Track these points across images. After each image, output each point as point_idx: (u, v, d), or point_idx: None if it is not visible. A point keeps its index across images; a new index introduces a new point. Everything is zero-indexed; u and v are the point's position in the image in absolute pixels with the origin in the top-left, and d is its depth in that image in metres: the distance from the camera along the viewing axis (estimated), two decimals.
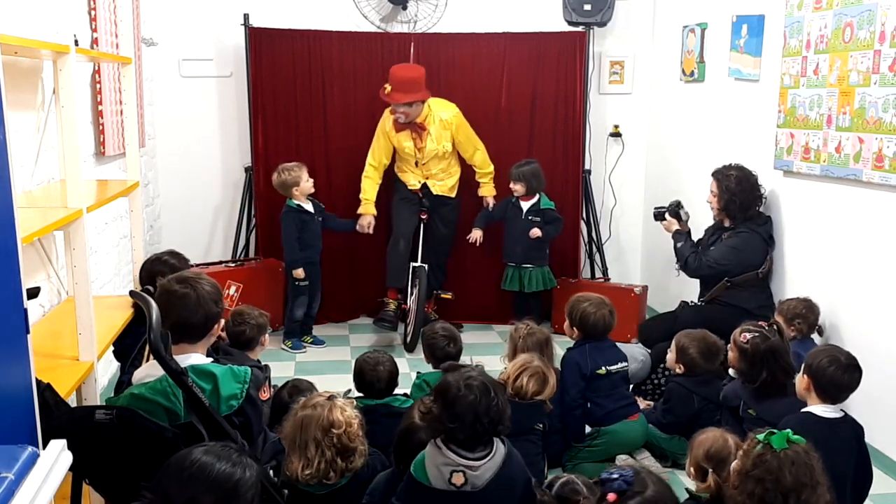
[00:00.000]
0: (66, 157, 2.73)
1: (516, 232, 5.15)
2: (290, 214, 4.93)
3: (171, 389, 2.20)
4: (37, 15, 3.07)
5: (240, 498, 1.80)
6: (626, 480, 2.00)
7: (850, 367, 2.80)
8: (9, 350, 1.69)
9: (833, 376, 2.77)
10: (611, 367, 3.50)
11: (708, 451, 2.44)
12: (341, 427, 2.50)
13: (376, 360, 3.22)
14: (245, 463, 1.86)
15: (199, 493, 1.77)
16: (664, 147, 5.60)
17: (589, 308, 3.53)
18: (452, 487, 2.26)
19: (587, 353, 3.50)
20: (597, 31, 5.52)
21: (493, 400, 2.30)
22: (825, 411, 2.80)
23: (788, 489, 2.04)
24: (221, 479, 1.79)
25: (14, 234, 1.72)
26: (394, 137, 5.03)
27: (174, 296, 2.37)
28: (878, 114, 3.41)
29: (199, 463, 1.80)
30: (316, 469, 2.48)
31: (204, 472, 1.78)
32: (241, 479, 1.81)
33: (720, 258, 4.13)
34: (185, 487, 1.77)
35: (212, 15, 5.44)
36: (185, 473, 1.78)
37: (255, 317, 3.41)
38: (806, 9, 3.89)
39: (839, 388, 2.81)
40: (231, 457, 1.85)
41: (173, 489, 1.78)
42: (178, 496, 1.77)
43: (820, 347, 3.01)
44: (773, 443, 2.09)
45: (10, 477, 1.38)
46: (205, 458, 1.81)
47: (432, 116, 4.98)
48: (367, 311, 5.54)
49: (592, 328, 3.52)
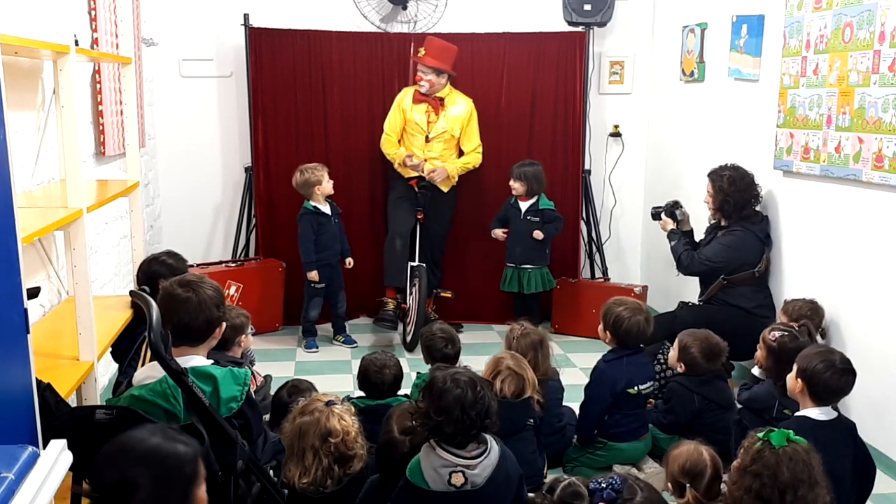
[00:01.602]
0: (67, 157, 2.74)
1: (515, 233, 5.14)
2: (306, 216, 4.93)
3: (170, 391, 2.20)
4: (37, 15, 3.07)
5: (176, 472, 1.70)
6: (614, 489, 2.00)
7: (845, 370, 2.76)
8: (9, 350, 1.70)
9: (829, 381, 2.73)
10: (642, 385, 3.44)
11: (683, 466, 2.43)
12: (339, 436, 2.50)
13: (383, 363, 3.21)
14: (181, 439, 1.77)
15: (128, 468, 1.67)
16: (664, 147, 5.60)
17: (623, 313, 3.42)
18: (452, 488, 2.26)
19: (624, 369, 3.41)
20: (597, 32, 5.53)
21: (479, 393, 2.31)
22: (820, 414, 2.78)
23: (785, 485, 2.06)
24: (151, 453, 1.69)
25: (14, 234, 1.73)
26: (408, 111, 5.08)
27: (176, 299, 2.37)
28: (877, 114, 3.41)
29: (129, 440, 1.72)
30: (313, 478, 2.48)
31: (133, 448, 1.70)
32: (175, 453, 1.71)
33: (713, 255, 4.14)
34: (114, 466, 1.68)
35: (212, 15, 5.45)
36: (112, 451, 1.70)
37: (231, 318, 3.33)
38: (806, 9, 3.89)
39: (834, 393, 2.78)
40: (165, 432, 1.77)
41: (104, 471, 1.69)
42: (108, 476, 1.68)
43: (812, 349, 2.93)
44: (772, 440, 2.11)
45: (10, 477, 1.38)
46: (135, 434, 1.73)
47: (452, 97, 5.10)
48: (367, 311, 5.55)
49: (625, 334, 3.42)
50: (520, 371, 3.15)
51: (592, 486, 2.04)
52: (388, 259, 5.13)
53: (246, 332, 3.50)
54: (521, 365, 3.18)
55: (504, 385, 3.10)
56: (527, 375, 3.16)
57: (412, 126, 5.11)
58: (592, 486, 2.04)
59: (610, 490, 1.99)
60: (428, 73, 4.99)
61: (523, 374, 3.15)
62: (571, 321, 5.37)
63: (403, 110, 5.12)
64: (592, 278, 5.64)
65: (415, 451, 2.46)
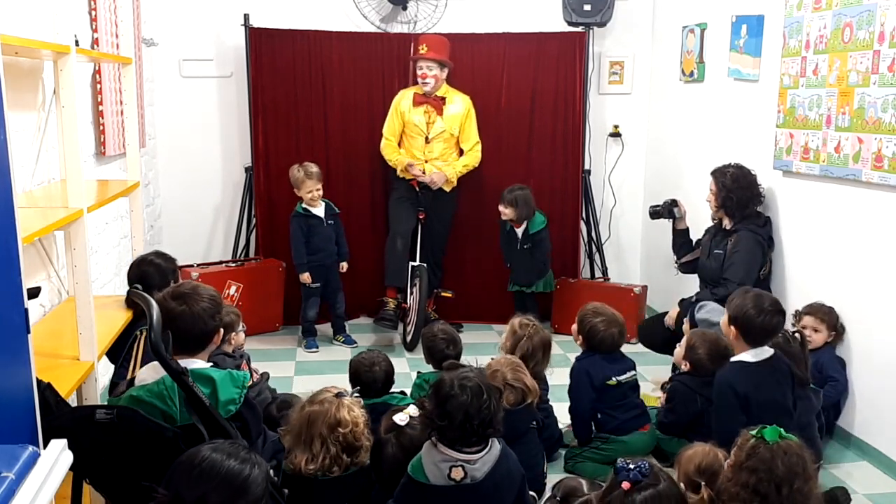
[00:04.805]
0: (67, 157, 2.74)
1: (515, 260, 5.15)
2: (295, 218, 4.94)
3: (167, 392, 2.21)
4: (37, 15, 3.07)
5: (249, 495, 1.83)
6: (642, 472, 2.02)
7: (775, 311, 2.95)
8: (9, 350, 1.70)
9: (762, 323, 2.93)
10: (620, 377, 3.48)
11: (699, 466, 2.45)
12: (347, 426, 2.53)
13: (371, 361, 3.23)
14: (254, 460, 1.88)
15: (209, 490, 1.79)
16: (664, 147, 5.60)
17: (599, 325, 3.50)
18: (452, 482, 2.27)
19: (598, 363, 3.48)
20: (596, 32, 5.53)
21: (485, 402, 2.31)
22: (755, 356, 2.97)
23: (781, 479, 2.09)
24: (231, 476, 1.81)
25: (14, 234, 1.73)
26: (406, 113, 5.08)
27: (170, 314, 2.36)
28: (877, 114, 3.41)
29: (209, 460, 1.82)
30: (320, 464, 2.51)
31: (213, 469, 1.81)
32: (250, 477, 1.84)
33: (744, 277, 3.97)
34: (195, 485, 1.79)
35: (212, 15, 5.45)
36: (195, 471, 1.81)
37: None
38: (805, 9, 3.89)
39: (767, 334, 2.97)
40: (240, 454, 1.87)
41: (184, 487, 1.80)
42: (188, 494, 1.79)
43: (740, 294, 3.08)
44: (765, 436, 2.14)
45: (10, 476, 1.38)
46: (214, 456, 1.83)
47: (451, 96, 5.11)
48: (367, 311, 5.55)
49: (599, 344, 3.50)
50: (518, 383, 3.13)
51: (620, 464, 2.07)
52: (389, 259, 5.13)
53: (237, 330, 3.50)
54: (518, 375, 3.16)
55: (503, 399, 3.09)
56: (525, 384, 3.15)
57: (411, 128, 5.11)
58: (619, 465, 2.06)
59: (637, 472, 2.02)
60: (433, 69, 5.00)
61: (521, 384, 3.14)
62: (571, 321, 5.25)
63: (402, 113, 5.12)
64: (592, 278, 5.64)
65: (402, 449, 2.47)
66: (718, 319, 3.60)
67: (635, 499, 1.97)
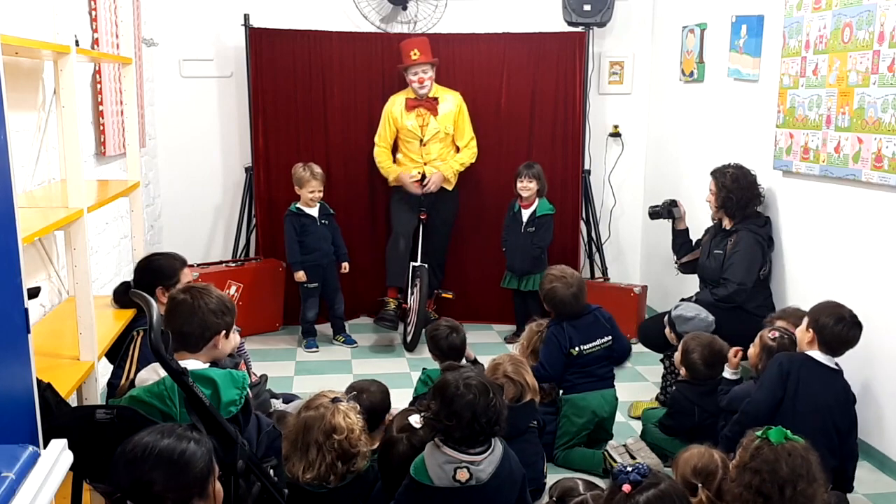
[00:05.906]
0: (67, 157, 2.74)
1: (515, 244, 5.12)
2: (289, 217, 4.95)
3: (167, 393, 2.21)
4: (38, 15, 3.07)
5: (190, 469, 1.79)
6: (640, 473, 2.03)
7: (854, 324, 3.01)
8: (10, 350, 1.70)
9: (840, 333, 2.99)
10: (584, 346, 3.57)
11: (696, 467, 2.46)
12: (343, 433, 2.51)
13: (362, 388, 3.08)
14: (191, 436, 1.84)
15: (145, 471, 1.76)
16: (664, 147, 5.60)
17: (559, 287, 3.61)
18: (457, 484, 2.28)
19: (566, 332, 3.59)
20: (596, 32, 5.53)
21: (491, 400, 2.32)
22: (825, 360, 3.01)
23: (784, 480, 2.08)
24: (165, 453, 1.78)
25: (15, 234, 1.73)
26: (399, 119, 5.08)
27: (172, 302, 2.40)
28: (877, 114, 3.41)
29: (142, 444, 1.79)
30: (316, 473, 2.49)
31: (146, 450, 1.78)
32: (187, 451, 1.80)
33: (744, 279, 4.01)
34: (130, 470, 1.77)
35: (212, 15, 5.45)
36: (128, 457, 1.78)
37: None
38: (805, 9, 3.89)
39: (843, 344, 3.02)
40: (175, 431, 1.84)
41: (121, 475, 1.77)
42: (125, 479, 1.76)
43: (823, 304, 3.15)
44: (770, 437, 2.13)
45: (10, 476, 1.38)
46: (147, 438, 1.81)
47: (442, 94, 5.13)
48: (367, 311, 5.55)
49: (560, 305, 3.61)
50: (518, 378, 3.17)
51: (618, 469, 2.07)
52: (390, 259, 5.13)
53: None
54: (519, 370, 3.20)
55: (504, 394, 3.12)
56: (526, 380, 3.19)
57: (405, 133, 5.11)
58: (617, 469, 2.07)
59: (636, 474, 2.02)
60: (428, 71, 5.01)
61: (521, 379, 3.18)
62: None
63: (395, 119, 5.10)
64: (592, 278, 5.63)
65: (413, 449, 2.47)
66: (692, 314, 3.86)
67: (638, 500, 1.97)
